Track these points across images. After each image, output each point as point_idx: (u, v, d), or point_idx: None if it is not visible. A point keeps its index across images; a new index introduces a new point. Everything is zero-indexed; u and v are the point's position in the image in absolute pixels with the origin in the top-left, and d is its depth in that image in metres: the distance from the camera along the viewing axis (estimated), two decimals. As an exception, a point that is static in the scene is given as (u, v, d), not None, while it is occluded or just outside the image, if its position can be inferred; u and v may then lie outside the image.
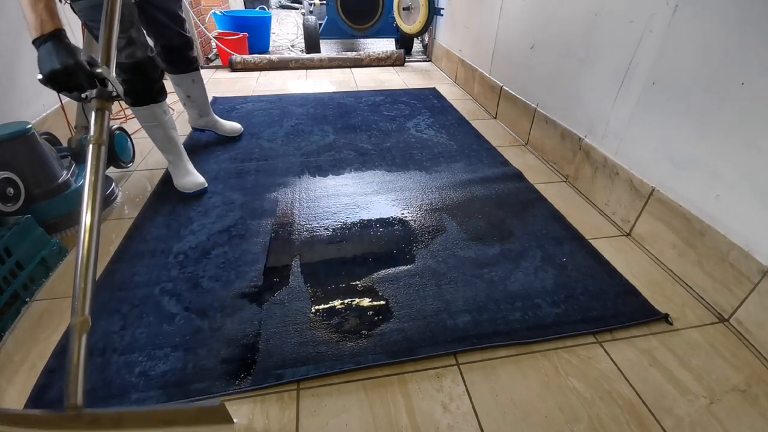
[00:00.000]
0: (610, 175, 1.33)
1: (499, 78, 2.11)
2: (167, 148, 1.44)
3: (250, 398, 0.80)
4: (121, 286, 1.05)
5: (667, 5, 1.08)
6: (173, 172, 1.48)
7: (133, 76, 1.26)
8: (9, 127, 1.12)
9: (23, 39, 1.55)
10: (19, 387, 0.81)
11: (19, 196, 1.10)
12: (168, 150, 1.45)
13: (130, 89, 1.28)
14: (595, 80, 1.39)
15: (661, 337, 0.94)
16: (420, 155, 1.73)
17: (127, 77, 1.25)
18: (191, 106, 1.76)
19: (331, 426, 0.76)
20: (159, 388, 0.81)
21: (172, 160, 1.47)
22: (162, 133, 1.40)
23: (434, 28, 3.16)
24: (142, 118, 1.36)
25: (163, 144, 1.43)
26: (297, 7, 6.18)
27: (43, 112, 1.64)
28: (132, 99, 1.30)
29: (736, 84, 0.92)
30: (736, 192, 0.94)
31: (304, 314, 0.97)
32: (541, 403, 0.80)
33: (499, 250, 1.18)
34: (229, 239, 1.21)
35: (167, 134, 1.41)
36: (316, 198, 1.42)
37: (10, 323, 0.95)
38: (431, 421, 0.77)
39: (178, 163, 1.47)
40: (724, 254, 0.97)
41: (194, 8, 2.97)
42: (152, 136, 1.41)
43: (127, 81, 1.25)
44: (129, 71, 1.25)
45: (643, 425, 0.76)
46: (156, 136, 1.41)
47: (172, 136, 1.43)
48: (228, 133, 1.87)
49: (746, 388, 0.83)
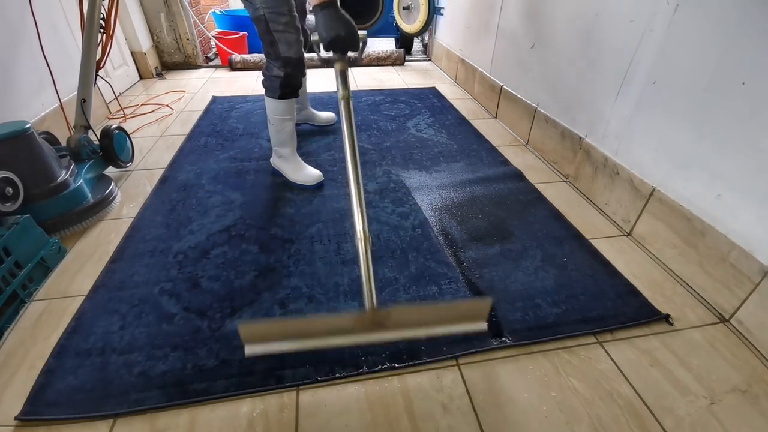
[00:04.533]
0: (611, 175, 1.33)
1: (499, 77, 2.10)
2: (287, 142, 1.48)
3: (250, 398, 0.80)
4: (120, 285, 1.04)
5: (667, 5, 1.08)
6: (286, 166, 1.51)
7: (295, 70, 1.31)
8: (8, 127, 1.12)
9: (22, 39, 1.55)
10: (18, 387, 0.81)
11: (18, 195, 1.10)
12: (286, 143, 1.48)
13: (286, 82, 1.32)
14: (596, 80, 1.38)
15: (662, 337, 0.93)
16: (420, 155, 1.73)
17: (289, 71, 1.30)
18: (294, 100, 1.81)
19: (330, 427, 0.75)
20: (158, 387, 0.80)
21: (286, 154, 1.50)
22: (290, 125, 1.45)
23: (434, 27, 3.15)
24: (281, 110, 1.40)
25: (284, 137, 1.46)
26: (297, 7, 6.16)
27: (42, 112, 1.64)
28: (282, 92, 1.35)
29: (737, 83, 0.91)
30: (737, 192, 0.94)
31: (303, 313, 0.96)
32: (541, 403, 0.80)
33: (499, 249, 1.18)
34: (229, 239, 1.21)
35: (292, 128, 1.47)
36: (314, 198, 1.42)
37: (8, 323, 0.95)
38: (431, 421, 0.77)
39: (292, 157, 1.51)
40: (725, 254, 0.97)
41: (194, 7, 2.96)
42: (281, 129, 1.44)
43: (288, 75, 1.30)
44: (292, 65, 1.29)
45: (644, 425, 0.76)
46: (285, 128, 1.44)
47: (294, 130, 1.49)
48: (324, 123, 1.92)
49: (747, 388, 0.83)
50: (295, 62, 1.28)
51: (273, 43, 1.24)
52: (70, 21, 1.88)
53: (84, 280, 1.07)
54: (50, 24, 1.74)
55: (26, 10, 1.53)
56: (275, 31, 1.21)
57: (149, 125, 2.02)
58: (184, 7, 2.78)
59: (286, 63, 1.27)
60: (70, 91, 1.77)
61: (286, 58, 1.26)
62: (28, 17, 1.53)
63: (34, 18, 1.52)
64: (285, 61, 1.27)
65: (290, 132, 1.46)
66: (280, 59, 1.27)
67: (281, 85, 1.32)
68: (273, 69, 1.31)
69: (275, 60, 1.28)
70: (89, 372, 0.83)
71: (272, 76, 1.32)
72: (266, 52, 1.30)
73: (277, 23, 1.20)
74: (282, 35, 1.22)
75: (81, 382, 0.81)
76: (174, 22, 2.79)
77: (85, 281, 1.07)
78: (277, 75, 1.30)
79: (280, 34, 1.22)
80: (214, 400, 0.79)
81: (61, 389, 0.80)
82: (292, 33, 1.23)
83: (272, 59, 1.29)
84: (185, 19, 2.81)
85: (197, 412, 0.78)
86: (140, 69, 2.67)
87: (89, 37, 1.39)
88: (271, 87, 1.35)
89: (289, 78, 1.31)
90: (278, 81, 1.31)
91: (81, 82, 1.40)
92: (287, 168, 1.51)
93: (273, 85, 1.33)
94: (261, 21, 1.21)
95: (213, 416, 0.77)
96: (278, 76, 1.30)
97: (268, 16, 1.19)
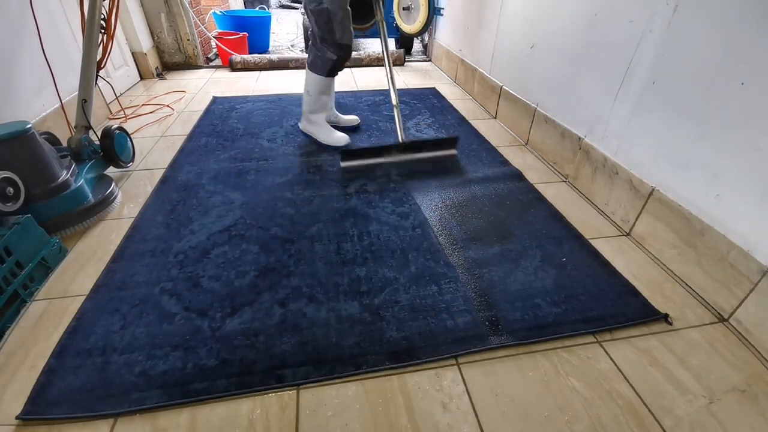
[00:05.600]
0: (610, 175, 1.33)
1: (499, 78, 2.10)
2: (320, 110, 1.77)
3: (250, 397, 0.80)
4: (121, 285, 1.05)
5: (667, 5, 1.08)
6: (318, 130, 1.79)
7: (346, 54, 1.58)
8: (9, 127, 1.12)
9: (23, 39, 1.55)
10: (19, 387, 0.81)
11: (19, 195, 1.10)
12: (320, 111, 1.77)
13: (337, 64, 1.60)
14: (595, 80, 1.39)
15: (661, 337, 0.94)
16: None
17: (342, 54, 1.57)
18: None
19: (331, 426, 0.76)
20: (159, 387, 0.81)
21: (319, 120, 1.78)
22: (326, 97, 1.74)
23: (434, 28, 3.16)
24: (323, 85, 1.67)
25: (319, 105, 1.75)
26: (297, 7, 6.18)
27: (42, 112, 1.64)
28: (329, 71, 1.63)
29: (736, 84, 0.92)
30: (736, 192, 0.94)
31: (303, 314, 0.97)
32: (541, 402, 0.80)
33: (499, 249, 1.18)
34: (229, 239, 1.21)
35: (327, 98, 1.75)
36: (314, 198, 1.42)
37: (9, 323, 0.95)
38: (431, 421, 0.77)
39: (323, 123, 1.80)
40: (724, 254, 0.97)
41: (194, 8, 2.96)
42: (317, 99, 1.72)
43: (340, 58, 1.58)
44: (344, 49, 1.56)
45: (643, 425, 0.76)
46: (321, 99, 1.73)
47: (328, 101, 1.79)
48: (347, 124, 2.01)
49: (746, 387, 0.83)
50: (347, 48, 1.56)
51: (331, 31, 1.50)
52: (70, 21, 1.88)
53: (85, 280, 1.07)
54: (51, 24, 1.74)
55: (27, 10, 1.53)
56: (335, 22, 1.48)
57: (150, 125, 2.02)
58: (185, 7, 2.79)
59: (341, 47, 1.54)
60: (70, 92, 1.77)
61: (341, 44, 1.53)
62: (29, 18, 1.53)
63: (35, 18, 1.52)
64: (340, 46, 1.54)
65: (324, 102, 1.74)
66: (335, 44, 1.53)
67: (332, 66, 1.60)
68: (327, 52, 1.56)
69: (331, 45, 1.54)
70: (90, 371, 0.84)
71: (325, 58, 1.58)
72: (322, 38, 1.54)
73: (337, 15, 1.47)
74: (340, 25, 1.49)
75: (82, 382, 0.82)
76: (174, 23, 2.79)
77: (86, 281, 1.07)
78: (330, 57, 1.57)
79: (338, 23, 1.48)
80: (215, 400, 0.79)
81: (61, 389, 0.80)
82: (348, 23, 1.51)
83: (328, 44, 1.55)
84: (186, 19, 2.81)
85: (198, 412, 0.78)
86: (141, 69, 2.68)
87: (90, 38, 1.40)
88: (322, 66, 1.60)
89: (341, 60, 1.59)
90: (330, 62, 1.58)
91: (82, 82, 1.40)
92: (318, 131, 1.79)
93: (324, 65, 1.60)
94: (323, 13, 1.46)
95: (213, 416, 0.77)
96: (331, 58, 1.57)
97: (331, 9, 1.45)
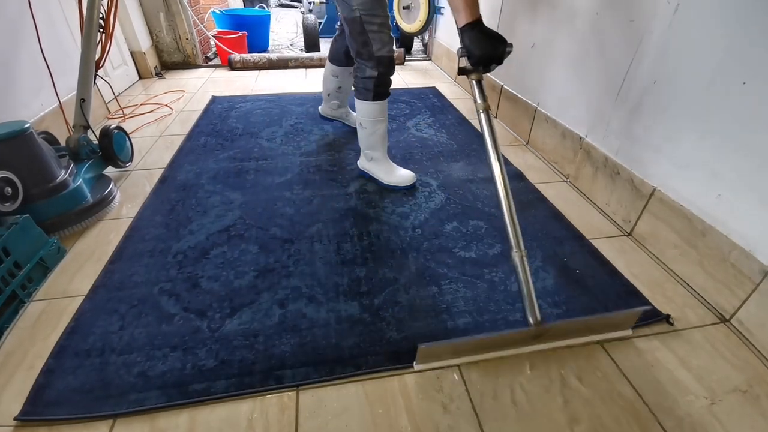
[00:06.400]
0: (611, 175, 1.33)
1: (499, 77, 2.10)
2: (378, 145, 1.45)
3: (250, 398, 0.80)
4: (119, 286, 1.04)
5: (668, 4, 1.07)
6: (378, 169, 1.48)
7: (388, 68, 1.32)
8: (7, 127, 1.12)
9: (21, 38, 1.55)
10: (18, 387, 0.81)
11: (17, 195, 1.09)
12: (378, 147, 1.45)
13: (380, 81, 1.32)
14: (596, 79, 1.38)
15: (662, 337, 0.93)
16: (420, 154, 1.72)
17: (383, 69, 1.31)
18: (335, 97, 1.82)
19: (331, 426, 0.75)
20: (158, 388, 0.80)
21: (378, 157, 1.47)
22: (383, 128, 1.42)
23: (434, 26, 3.15)
24: (375, 112, 1.38)
25: (376, 140, 1.44)
26: (296, 6, 6.17)
27: (41, 112, 1.63)
28: (375, 92, 1.34)
29: (737, 83, 0.91)
30: (738, 192, 0.94)
31: (303, 314, 0.96)
32: (541, 403, 0.80)
33: (500, 250, 1.18)
34: (228, 239, 1.21)
35: (385, 130, 1.44)
36: (313, 198, 1.42)
37: (8, 324, 0.94)
38: (431, 421, 0.76)
39: (384, 160, 1.49)
40: (726, 254, 0.97)
41: (193, 7, 2.95)
42: (373, 132, 1.42)
43: (381, 74, 1.31)
44: (384, 64, 1.30)
45: (644, 426, 0.76)
46: (377, 131, 1.42)
47: (386, 132, 1.45)
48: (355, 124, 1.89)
49: (747, 388, 0.83)
50: (387, 61, 1.30)
51: (366, 44, 1.27)
52: (69, 20, 1.87)
53: (83, 281, 1.07)
54: (49, 24, 1.73)
55: (25, 9, 1.52)
56: (370, 32, 1.25)
57: (148, 125, 2.02)
58: (184, 6, 2.78)
59: (380, 62, 1.29)
60: (69, 91, 1.76)
61: (380, 57, 1.28)
62: (27, 17, 1.52)
63: (33, 17, 1.52)
64: (379, 60, 1.29)
65: (382, 134, 1.43)
66: (373, 59, 1.28)
67: (375, 84, 1.32)
68: (366, 70, 1.32)
69: (368, 60, 1.30)
70: (89, 372, 0.83)
71: (365, 78, 1.32)
72: (358, 52, 1.31)
73: (372, 24, 1.24)
74: (377, 35, 1.26)
75: (80, 383, 0.81)
76: (173, 22, 2.78)
77: (85, 281, 1.06)
78: (371, 75, 1.31)
79: (374, 34, 1.25)
80: (214, 401, 0.79)
81: (60, 389, 0.80)
82: (386, 33, 1.27)
83: (364, 59, 1.31)
84: (185, 18, 2.81)
85: (197, 413, 0.77)
86: (139, 69, 2.67)
87: (88, 37, 1.39)
88: (365, 89, 1.34)
89: (383, 77, 1.32)
90: (372, 81, 1.32)
91: (80, 81, 1.40)
92: (379, 171, 1.49)
93: (366, 86, 1.33)
94: (356, 22, 1.24)
95: (213, 416, 0.77)
96: (371, 76, 1.31)
97: (364, 17, 1.22)
